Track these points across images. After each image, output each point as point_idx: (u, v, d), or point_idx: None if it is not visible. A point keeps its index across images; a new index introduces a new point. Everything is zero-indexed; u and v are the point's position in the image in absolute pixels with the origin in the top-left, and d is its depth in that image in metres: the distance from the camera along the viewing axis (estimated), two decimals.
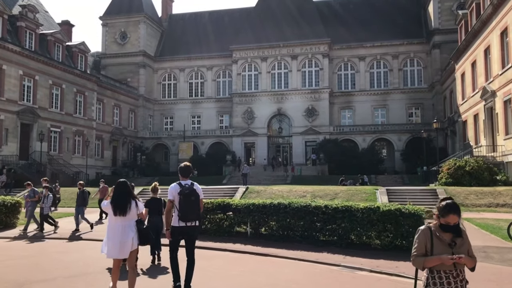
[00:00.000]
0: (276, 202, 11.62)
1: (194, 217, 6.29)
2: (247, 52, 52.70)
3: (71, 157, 40.76)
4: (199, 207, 6.41)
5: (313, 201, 11.24)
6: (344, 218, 10.32)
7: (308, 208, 10.91)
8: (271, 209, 11.55)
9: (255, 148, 51.81)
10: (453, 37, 45.08)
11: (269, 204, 11.62)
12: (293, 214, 11.13)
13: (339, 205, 10.49)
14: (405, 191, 22.55)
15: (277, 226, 11.66)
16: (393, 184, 34.12)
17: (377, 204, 10.30)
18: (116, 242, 6.08)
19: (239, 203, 12.32)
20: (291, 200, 11.56)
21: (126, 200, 6.19)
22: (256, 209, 11.79)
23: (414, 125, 48.60)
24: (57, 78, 39.21)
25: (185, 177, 6.48)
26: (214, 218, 12.98)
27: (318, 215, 10.74)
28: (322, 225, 10.80)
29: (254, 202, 12.07)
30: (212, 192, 26.10)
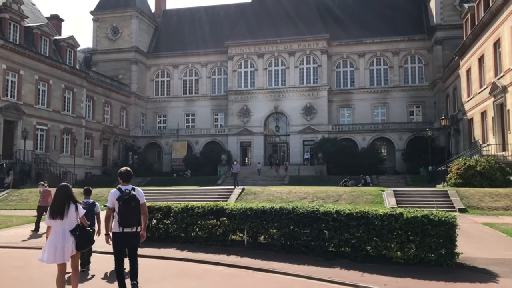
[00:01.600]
0: (277, 206, 9.96)
1: (134, 222, 6.23)
2: (243, 48, 51.03)
3: (58, 156, 38.91)
4: (139, 212, 6.31)
5: (321, 206, 9.58)
6: (359, 226, 8.67)
7: (315, 214, 9.26)
8: (271, 214, 9.89)
9: (252, 147, 50.14)
10: (456, 33, 43.79)
11: (269, 209, 9.95)
12: (297, 220, 9.48)
13: (353, 211, 8.84)
14: (414, 192, 20.98)
15: (278, 234, 10.00)
16: (395, 185, 32.58)
17: (399, 210, 8.65)
18: (57, 248, 6.03)
19: (235, 207, 10.65)
20: (295, 205, 9.90)
21: (64, 203, 6.14)
22: (254, 215, 10.14)
23: (415, 123, 47.13)
24: (43, 73, 37.35)
25: (125, 182, 6.39)
26: (205, 224, 11.31)
27: (328, 223, 9.09)
28: (332, 234, 9.15)
29: (252, 206, 10.40)
30: (205, 194, 24.39)
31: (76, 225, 6.20)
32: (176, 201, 21.64)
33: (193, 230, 11.55)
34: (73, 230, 6.12)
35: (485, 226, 13.76)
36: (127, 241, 6.26)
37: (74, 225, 6.16)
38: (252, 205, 10.49)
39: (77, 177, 38.86)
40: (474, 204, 18.17)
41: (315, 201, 19.74)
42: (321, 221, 9.16)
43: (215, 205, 11.11)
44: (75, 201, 6.27)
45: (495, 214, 17.03)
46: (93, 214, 8.78)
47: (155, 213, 11.88)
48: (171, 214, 11.75)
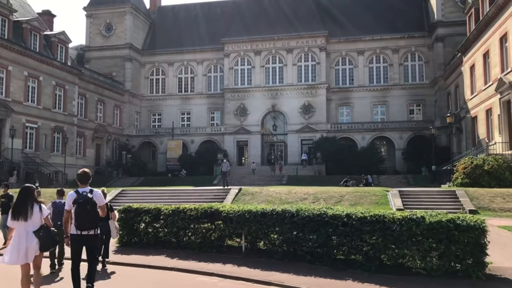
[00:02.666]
0: (279, 209, 8.85)
1: (90, 225, 6.19)
2: (239, 45, 49.88)
3: (49, 156, 37.65)
4: (96, 215, 6.26)
5: (329, 208, 8.48)
6: (374, 231, 7.58)
7: (323, 218, 8.16)
8: (272, 218, 8.79)
9: (248, 146, 48.99)
10: (457, 30, 42.91)
11: (270, 212, 8.86)
12: (302, 225, 8.39)
13: (366, 214, 7.75)
14: (421, 193, 19.91)
15: (280, 240, 8.90)
16: (397, 185, 31.53)
17: (420, 213, 7.57)
18: (20, 249, 5.98)
19: (231, 210, 9.54)
20: (299, 207, 8.79)
21: (27, 204, 6.12)
22: (253, 218, 9.04)
23: (415, 122, 46.14)
24: (33, 69, 36.07)
25: (83, 184, 6.36)
26: (199, 228, 10.21)
27: (337, 227, 8.00)
28: (341, 241, 8.05)
29: (250, 208, 9.29)
30: (200, 194, 23.23)
31: (40, 226, 6.19)
32: (169, 202, 20.50)
33: (185, 234, 10.45)
34: (36, 231, 6.10)
35: (503, 229, 12.72)
36: (85, 243, 6.25)
37: (38, 226, 6.15)
38: (250, 207, 9.38)
39: (68, 177, 37.52)
40: (485, 205, 17.15)
41: (316, 202, 18.66)
42: (330, 226, 8.07)
43: (209, 207, 10.00)
44: (38, 201, 6.27)
45: (508, 216, 16.00)
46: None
47: (143, 216, 10.76)
48: (160, 217, 10.65)
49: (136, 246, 10.77)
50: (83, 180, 6.37)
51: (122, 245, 10.92)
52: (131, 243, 10.89)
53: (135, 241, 10.95)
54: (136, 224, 10.89)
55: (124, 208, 11.02)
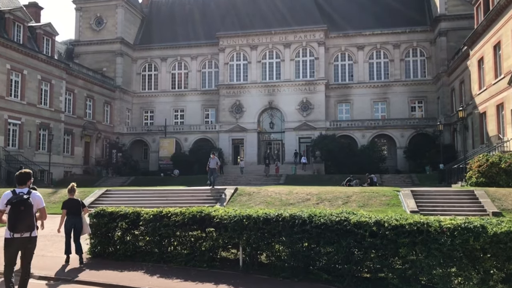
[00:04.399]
0: (286, 214, 7.02)
1: (25, 228, 5.80)
2: (235, 39, 48.02)
3: (33, 154, 35.60)
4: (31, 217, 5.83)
5: (351, 213, 6.65)
6: (414, 245, 5.76)
7: (344, 226, 6.34)
8: (278, 225, 6.97)
9: (244, 145, 47.10)
10: (461, 24, 41.46)
11: (275, 218, 7.02)
12: (317, 234, 6.57)
13: (403, 221, 5.92)
14: (435, 193, 18.12)
15: (288, 253, 7.07)
16: (401, 184, 29.86)
17: (478, 221, 5.75)
18: None
19: (226, 214, 7.69)
20: (312, 211, 6.96)
21: None
22: (254, 225, 7.20)
23: (418, 120, 44.49)
24: (17, 62, 34.03)
25: (21, 185, 6.02)
26: (186, 236, 8.36)
27: (364, 239, 6.19)
28: (368, 255, 6.22)
29: (250, 213, 7.45)
30: (192, 195, 21.31)
31: None
32: (157, 203, 18.61)
33: (170, 244, 8.60)
34: None
35: None
36: (19, 247, 5.90)
37: None
38: (249, 212, 7.53)
39: (54, 176, 35.57)
40: (509, 206, 15.41)
41: (320, 203, 16.85)
42: (353, 236, 6.25)
43: (199, 211, 8.13)
44: None
45: None
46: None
47: (119, 222, 8.89)
48: (140, 223, 8.77)
49: (111, 258, 8.91)
50: (21, 180, 6.04)
51: (94, 256, 9.06)
52: (105, 254, 9.02)
53: (110, 251, 9.09)
54: (111, 231, 9.02)
55: (97, 211, 9.14)
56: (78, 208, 9.08)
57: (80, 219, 8.98)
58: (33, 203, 5.89)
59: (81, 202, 9.30)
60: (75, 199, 9.26)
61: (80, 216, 9.02)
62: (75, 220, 8.92)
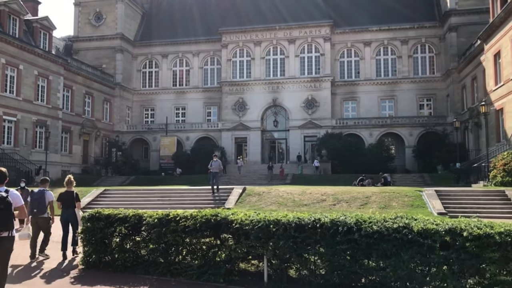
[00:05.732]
0: (327, 219, 5.66)
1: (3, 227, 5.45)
2: (238, 35, 46.66)
3: (30, 152, 34.24)
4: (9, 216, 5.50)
5: (411, 219, 5.27)
6: (507, 261, 4.39)
7: (404, 235, 4.97)
8: (315, 233, 5.59)
9: (247, 143, 45.74)
10: (472, 19, 40.15)
11: (311, 224, 5.66)
12: (367, 245, 5.20)
13: (490, 231, 4.56)
14: (461, 193, 16.73)
15: (327, 267, 5.70)
16: (413, 184, 28.57)
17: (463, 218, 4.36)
18: None
19: (247, 219, 6.33)
20: (359, 216, 5.58)
21: None
22: (283, 233, 5.83)
23: (426, 118, 43.16)
24: (12, 56, 32.67)
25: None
26: (198, 244, 7.00)
27: (432, 251, 4.81)
28: (435, 272, 4.85)
29: (278, 217, 6.07)
30: (196, 195, 19.90)
31: None
32: (159, 204, 17.27)
33: (178, 253, 7.22)
34: None
35: None
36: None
37: None
38: (277, 216, 6.16)
39: (51, 175, 34.03)
40: None
41: (337, 204, 15.50)
42: (417, 248, 4.88)
43: (214, 214, 6.76)
44: None
45: None
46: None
47: (117, 227, 7.52)
48: (142, 228, 7.41)
49: (107, 268, 7.55)
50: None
51: (88, 266, 7.69)
52: (101, 265, 7.66)
53: (106, 261, 7.72)
54: (108, 237, 7.65)
55: (91, 214, 7.77)
56: (72, 200, 9.21)
57: (74, 212, 9.10)
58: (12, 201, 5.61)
59: (75, 195, 9.39)
60: (71, 192, 9.38)
61: (74, 208, 9.16)
62: (68, 213, 9.08)
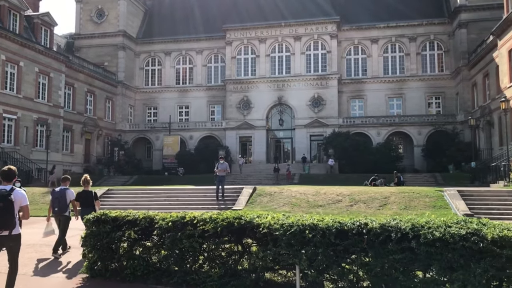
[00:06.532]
0: (375, 224, 4.80)
1: (3, 225, 5.45)
2: (243, 32, 45.81)
3: (30, 151, 33.43)
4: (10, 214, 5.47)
5: (480, 224, 4.42)
6: None
7: (474, 243, 4.11)
8: (361, 240, 4.73)
9: (252, 143, 44.91)
10: (482, 15, 39.33)
11: (356, 229, 4.79)
12: (427, 255, 4.33)
13: None
14: (485, 194, 15.83)
15: (372, 278, 4.84)
16: (424, 184, 27.71)
17: None
18: None
19: (276, 222, 5.47)
20: (415, 221, 4.70)
21: None
22: (322, 239, 4.97)
23: (436, 116, 42.27)
24: (12, 53, 31.86)
25: (6, 182, 5.72)
26: (217, 251, 6.15)
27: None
28: None
29: (314, 222, 5.21)
30: (204, 195, 19.01)
31: None
32: (166, 205, 16.43)
33: (195, 261, 6.37)
34: None
35: None
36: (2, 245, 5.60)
37: None
38: (312, 220, 5.29)
39: None
40: None
41: (355, 205, 14.64)
42: (491, 260, 4.02)
43: (236, 217, 5.91)
44: None
45: None
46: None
47: (126, 230, 6.68)
48: (154, 232, 6.57)
49: (115, 277, 6.71)
50: (6, 177, 5.75)
51: (93, 275, 6.85)
52: (107, 273, 6.81)
53: (113, 268, 6.88)
54: (115, 242, 6.81)
55: (96, 217, 6.92)
56: (91, 199, 9.32)
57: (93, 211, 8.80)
58: (15, 200, 5.53)
59: (93, 194, 9.47)
60: (89, 191, 9.43)
61: (93, 208, 9.23)
62: (86, 212, 8.86)
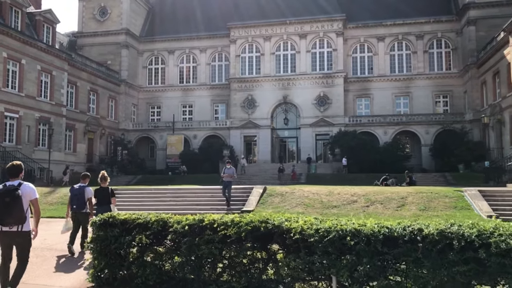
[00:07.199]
0: (431, 230, 4.11)
1: (12, 220, 5.46)
2: (247, 30, 45.20)
3: (33, 150, 32.84)
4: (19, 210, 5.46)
5: None
6: None
7: None
8: (415, 248, 4.06)
9: (257, 142, 44.28)
10: (491, 12, 38.76)
11: (408, 235, 4.12)
12: (500, 266, 3.66)
13: None
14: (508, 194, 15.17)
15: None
16: (435, 184, 26.98)
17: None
18: None
19: (310, 227, 4.81)
20: (483, 227, 4.04)
21: None
22: (366, 247, 4.31)
23: (444, 115, 41.55)
24: (14, 50, 31.29)
25: (12, 177, 5.69)
26: (237, 257, 5.51)
27: None
28: None
29: (356, 227, 4.54)
30: (212, 195, 18.31)
31: None
32: (173, 205, 15.78)
33: (213, 269, 5.72)
34: None
35: None
36: (12, 241, 5.59)
37: None
38: (354, 224, 4.63)
39: (54, 174, 32.80)
40: None
41: (371, 206, 13.98)
42: None
43: (262, 220, 5.26)
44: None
45: None
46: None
47: (136, 234, 6.04)
48: (168, 237, 5.93)
49: (123, 286, 6.07)
50: (12, 172, 5.69)
51: (99, 284, 6.21)
52: (115, 282, 6.18)
53: (122, 277, 6.24)
54: (123, 247, 6.17)
55: (103, 219, 6.28)
56: (107, 197, 9.23)
57: (108, 208, 8.96)
58: (23, 194, 5.50)
59: (110, 191, 9.36)
60: (106, 188, 9.31)
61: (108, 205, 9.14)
62: (102, 209, 8.81)
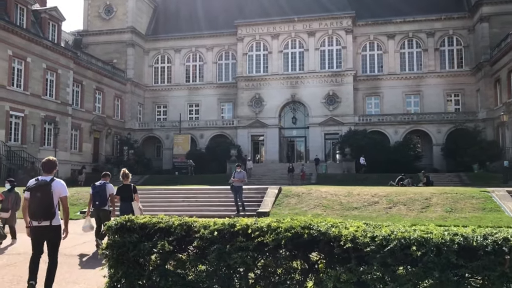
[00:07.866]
0: None
1: (43, 215, 5.57)
2: (255, 28, 44.57)
3: (38, 150, 32.39)
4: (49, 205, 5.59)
5: None
6: None
7: None
8: (498, 261, 3.38)
9: (265, 141, 43.67)
10: (505, 8, 38.29)
11: (491, 246, 3.45)
12: None
13: None
14: None
15: None
16: (449, 184, 26.37)
17: None
18: None
19: (364, 234, 4.13)
20: None
21: None
22: (436, 258, 3.63)
23: (455, 114, 40.76)
24: (19, 48, 30.85)
25: (47, 173, 5.85)
26: (271, 267, 4.85)
27: None
28: None
29: (422, 235, 3.86)
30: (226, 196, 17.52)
31: None
32: (185, 206, 15.15)
33: (243, 279, 5.05)
34: None
35: None
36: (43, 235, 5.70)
37: None
38: (419, 232, 3.95)
39: (60, 174, 32.11)
40: None
41: (394, 207, 13.29)
42: None
43: (304, 226, 4.58)
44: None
45: None
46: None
47: (158, 240, 5.38)
48: (193, 243, 5.27)
49: None
50: (46, 168, 5.83)
51: None
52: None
53: (140, 286, 5.57)
54: (143, 255, 5.50)
55: (119, 223, 5.62)
56: (130, 193, 9.19)
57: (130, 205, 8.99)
58: (54, 190, 5.61)
59: (133, 187, 9.33)
60: (128, 185, 9.27)
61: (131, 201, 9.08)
62: (125, 206, 8.95)
